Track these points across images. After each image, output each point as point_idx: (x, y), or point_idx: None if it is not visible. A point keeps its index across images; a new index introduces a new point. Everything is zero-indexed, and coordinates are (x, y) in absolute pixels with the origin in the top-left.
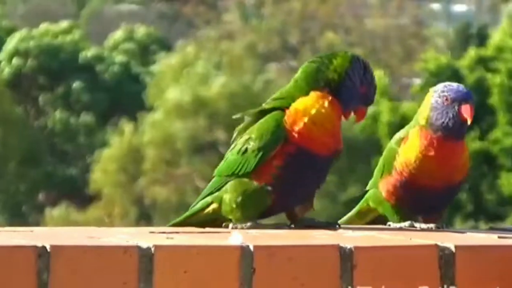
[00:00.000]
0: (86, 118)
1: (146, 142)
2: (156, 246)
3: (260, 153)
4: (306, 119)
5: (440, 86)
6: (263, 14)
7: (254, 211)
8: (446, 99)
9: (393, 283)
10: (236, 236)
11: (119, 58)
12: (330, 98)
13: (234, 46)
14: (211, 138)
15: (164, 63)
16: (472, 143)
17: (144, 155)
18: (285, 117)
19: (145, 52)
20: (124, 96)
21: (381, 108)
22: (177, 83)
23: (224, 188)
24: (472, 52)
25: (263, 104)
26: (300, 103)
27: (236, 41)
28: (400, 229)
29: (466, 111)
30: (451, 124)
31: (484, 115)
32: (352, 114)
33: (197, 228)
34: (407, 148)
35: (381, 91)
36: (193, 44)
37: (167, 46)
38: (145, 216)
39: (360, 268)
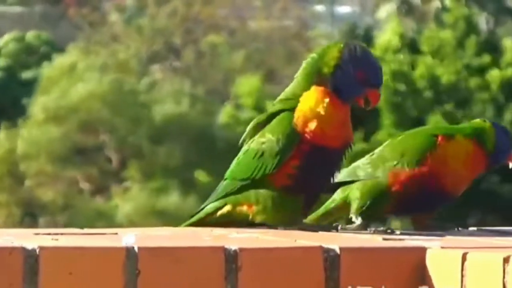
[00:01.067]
0: None
1: (23, 148)
2: (41, 248)
3: (278, 156)
4: (312, 117)
5: None
6: (146, 16)
7: (286, 215)
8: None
9: (278, 285)
10: (128, 237)
11: (2, 62)
12: (328, 91)
13: (118, 48)
14: (94, 141)
15: (50, 66)
16: (356, 145)
17: (24, 160)
18: (294, 118)
19: (32, 55)
20: (7, 101)
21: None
22: (58, 87)
23: (242, 193)
24: None
25: (271, 106)
26: (304, 102)
27: (120, 43)
28: (324, 228)
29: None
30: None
31: (368, 117)
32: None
33: (80, 229)
34: None
35: (262, 95)
36: (77, 47)
37: (55, 49)
38: (30, 217)
39: (245, 270)
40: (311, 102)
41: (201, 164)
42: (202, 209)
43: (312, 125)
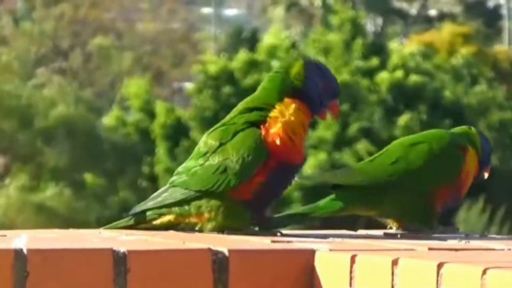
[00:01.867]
0: None
1: None
2: None
3: (244, 173)
4: (286, 132)
5: None
6: (35, 18)
7: (239, 224)
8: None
9: (167, 287)
10: (19, 239)
11: None
12: (302, 105)
13: (2, 51)
14: None
15: None
16: None
17: None
18: (264, 132)
19: None
20: None
21: (157, 109)
22: None
23: (194, 204)
24: (243, 55)
25: (232, 116)
26: (278, 115)
27: (9, 46)
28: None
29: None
30: None
31: None
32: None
33: None
34: None
35: (150, 97)
36: None
37: None
38: None
39: (134, 272)
40: (288, 115)
41: (88, 166)
42: (136, 214)
43: (283, 140)
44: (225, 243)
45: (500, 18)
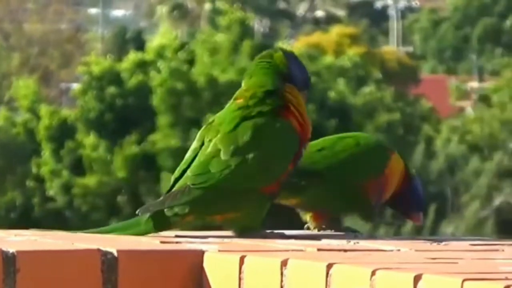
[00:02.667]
0: None
1: None
2: None
3: (282, 167)
4: (303, 115)
5: None
6: None
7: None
8: None
9: (56, 287)
10: None
11: None
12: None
13: None
14: None
15: None
16: (130, 148)
17: None
18: (290, 120)
19: None
20: None
21: (41, 113)
22: None
23: (224, 203)
24: (132, 56)
25: (241, 105)
26: (292, 100)
27: None
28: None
29: None
30: None
31: (143, 119)
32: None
33: None
34: None
35: (38, 98)
36: None
37: None
38: None
39: (23, 273)
40: (299, 101)
41: None
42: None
43: (304, 127)
44: (114, 243)
45: (388, 19)
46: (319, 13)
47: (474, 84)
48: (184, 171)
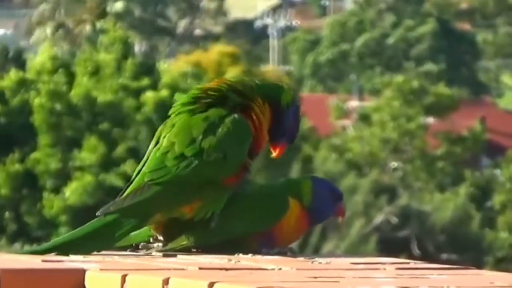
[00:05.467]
0: None
1: None
2: None
3: (239, 159)
4: (259, 119)
5: None
6: None
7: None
8: None
9: None
10: None
11: None
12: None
13: None
14: None
15: None
16: (13, 166)
17: None
18: (246, 117)
19: None
20: None
21: None
22: None
23: (186, 195)
24: (13, 74)
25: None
26: (255, 110)
27: None
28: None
29: None
30: None
31: (26, 137)
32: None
33: None
34: None
35: None
36: None
37: None
38: None
39: None
40: (262, 116)
41: None
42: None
43: (258, 129)
44: None
45: (267, 37)
46: (198, 32)
47: (354, 103)
48: (140, 171)
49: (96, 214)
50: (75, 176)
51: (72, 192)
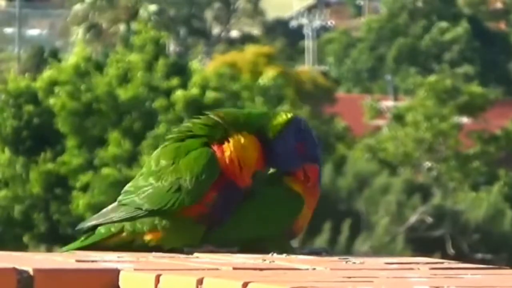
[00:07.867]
0: None
1: None
2: None
3: (197, 192)
4: (237, 154)
5: None
6: None
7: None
8: None
9: None
10: None
11: None
12: (259, 145)
13: None
14: None
15: None
16: (45, 165)
17: None
18: (217, 153)
19: None
20: None
21: None
22: None
23: (148, 222)
24: (47, 74)
25: (182, 133)
26: (236, 145)
27: None
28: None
29: None
30: None
31: (58, 138)
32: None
33: None
34: None
35: None
36: None
37: None
38: None
39: None
40: (242, 149)
41: None
42: (85, 231)
43: (232, 163)
44: (30, 262)
45: (303, 38)
46: (234, 33)
47: (389, 103)
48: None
49: (76, 228)
50: (100, 173)
51: (97, 190)
